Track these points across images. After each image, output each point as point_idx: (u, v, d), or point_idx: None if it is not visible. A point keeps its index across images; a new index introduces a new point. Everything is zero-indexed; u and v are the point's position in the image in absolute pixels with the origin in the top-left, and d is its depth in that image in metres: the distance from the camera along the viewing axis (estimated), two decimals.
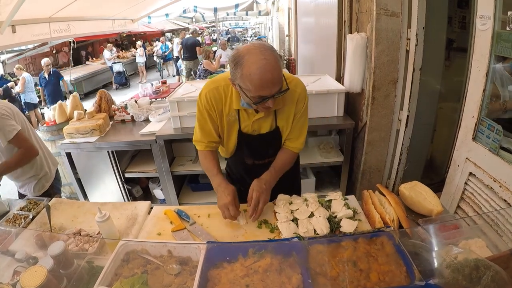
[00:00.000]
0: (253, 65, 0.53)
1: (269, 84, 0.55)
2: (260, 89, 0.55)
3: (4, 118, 0.89)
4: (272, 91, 0.56)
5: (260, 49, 0.55)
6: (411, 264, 0.48)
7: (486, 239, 0.57)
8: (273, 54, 0.55)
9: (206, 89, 0.68)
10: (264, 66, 0.53)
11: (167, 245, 0.57)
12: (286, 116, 0.69)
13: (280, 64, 0.56)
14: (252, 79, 0.54)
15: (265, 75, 0.53)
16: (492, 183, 0.71)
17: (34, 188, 1.04)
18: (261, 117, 0.67)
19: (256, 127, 0.69)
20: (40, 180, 1.05)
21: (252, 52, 0.55)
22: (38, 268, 0.48)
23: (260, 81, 0.54)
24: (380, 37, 1.07)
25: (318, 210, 0.65)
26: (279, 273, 0.49)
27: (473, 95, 0.76)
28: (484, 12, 0.70)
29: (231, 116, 0.68)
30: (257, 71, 0.53)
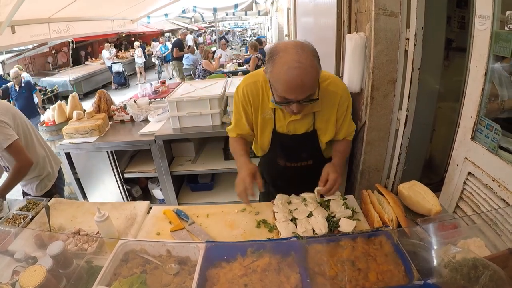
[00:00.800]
0: (285, 65, 0.50)
1: (297, 89, 0.51)
2: (285, 92, 0.52)
3: (1, 126, 0.88)
4: (297, 97, 0.52)
5: (298, 50, 0.50)
6: (409, 264, 0.48)
7: (485, 239, 0.57)
8: (310, 57, 0.51)
9: (244, 83, 0.65)
10: (295, 70, 0.49)
11: (166, 245, 0.57)
12: (326, 118, 0.66)
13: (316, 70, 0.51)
14: (280, 79, 0.51)
15: (293, 80, 0.50)
16: (491, 183, 0.71)
17: (36, 188, 1.04)
18: (297, 119, 0.64)
19: (291, 128, 0.66)
20: (42, 180, 1.04)
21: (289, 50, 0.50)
22: (37, 267, 0.49)
23: (287, 84, 0.50)
24: (379, 37, 1.07)
25: (317, 210, 0.65)
26: (278, 273, 0.49)
27: (472, 95, 0.76)
28: (482, 12, 0.70)
29: (266, 114, 0.65)
30: (287, 73, 0.50)
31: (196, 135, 1.36)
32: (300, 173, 0.75)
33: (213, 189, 1.54)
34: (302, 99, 0.53)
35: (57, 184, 1.11)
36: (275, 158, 0.74)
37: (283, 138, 0.68)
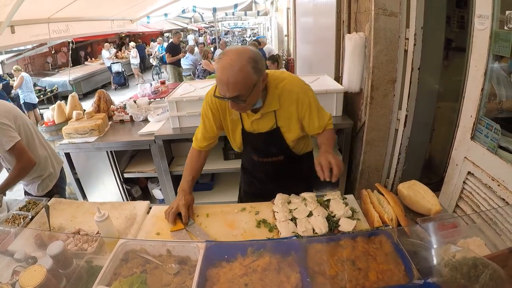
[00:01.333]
0: (220, 63, 0.58)
1: (224, 86, 0.58)
2: (219, 86, 0.60)
3: (3, 128, 0.88)
4: (226, 94, 0.59)
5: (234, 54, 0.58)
6: (409, 263, 0.48)
7: (485, 238, 0.57)
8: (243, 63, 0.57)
9: (212, 90, 0.70)
10: (225, 68, 0.57)
11: (166, 245, 0.57)
12: (287, 116, 0.70)
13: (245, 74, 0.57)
14: (217, 75, 0.60)
15: (223, 78, 0.58)
16: (490, 182, 0.71)
17: (38, 188, 1.04)
18: (258, 118, 0.70)
19: (255, 127, 0.72)
20: (44, 180, 1.04)
21: (227, 53, 0.60)
22: (37, 267, 0.49)
23: (219, 81, 0.59)
24: (378, 36, 1.07)
25: (317, 209, 0.65)
26: (278, 272, 0.49)
27: (471, 95, 0.76)
28: (482, 12, 0.70)
29: (234, 115, 0.73)
30: (220, 72, 0.58)
31: None
32: (274, 168, 0.79)
33: (213, 189, 1.54)
34: (230, 97, 0.59)
35: (59, 184, 1.10)
36: (250, 154, 0.81)
37: (251, 137, 0.73)
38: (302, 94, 0.69)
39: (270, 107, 0.69)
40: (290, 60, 3.63)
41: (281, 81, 0.68)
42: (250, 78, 0.58)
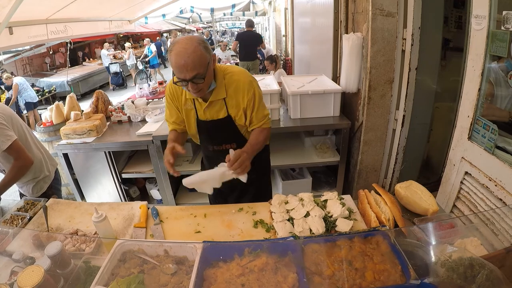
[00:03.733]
0: (174, 51, 0.63)
1: (182, 68, 0.63)
2: (177, 72, 0.64)
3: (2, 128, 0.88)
4: (186, 76, 0.64)
5: (185, 40, 0.64)
6: (406, 263, 0.49)
7: (482, 238, 0.57)
8: (194, 45, 0.63)
9: (169, 83, 0.78)
10: (180, 52, 0.62)
11: (163, 245, 0.57)
12: (235, 104, 0.75)
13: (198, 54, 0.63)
14: (172, 64, 0.65)
15: (179, 60, 0.63)
16: (487, 182, 0.71)
17: (32, 190, 1.04)
18: (208, 105, 0.75)
19: (208, 115, 0.77)
20: (38, 182, 1.04)
21: (178, 41, 0.65)
22: (35, 268, 0.49)
23: (176, 66, 0.64)
24: (376, 37, 1.07)
25: (314, 210, 0.66)
26: (275, 272, 0.49)
27: (469, 95, 0.76)
28: (479, 12, 0.70)
29: (188, 105, 0.78)
30: (175, 58, 0.63)
31: None
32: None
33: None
34: (190, 78, 0.64)
35: (53, 185, 1.10)
36: (206, 144, 0.85)
37: (205, 124, 0.78)
38: (247, 85, 0.74)
39: (218, 95, 0.73)
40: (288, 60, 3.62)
41: (228, 72, 0.73)
42: (204, 56, 0.64)
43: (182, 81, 0.65)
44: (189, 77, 0.64)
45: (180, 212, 0.78)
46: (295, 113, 1.35)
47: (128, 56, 5.30)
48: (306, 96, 1.31)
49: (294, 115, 1.35)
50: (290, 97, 1.32)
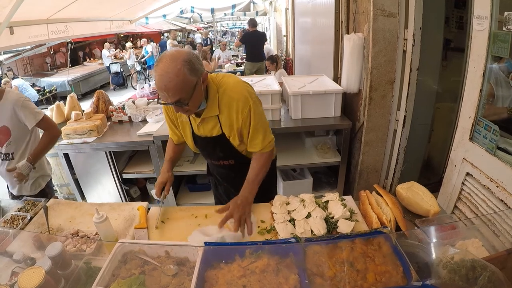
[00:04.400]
0: (157, 71, 0.59)
1: (163, 92, 0.59)
2: (159, 93, 0.61)
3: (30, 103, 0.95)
4: (167, 100, 0.60)
5: (168, 60, 0.58)
6: (408, 265, 0.48)
7: (483, 239, 0.57)
8: (178, 67, 0.57)
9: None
10: (161, 77, 0.58)
11: (164, 246, 0.57)
12: (229, 123, 0.69)
13: (181, 78, 0.57)
14: (156, 83, 0.61)
15: (160, 85, 0.58)
16: (489, 183, 0.71)
17: (31, 187, 1.04)
18: (201, 121, 0.70)
19: (202, 131, 0.72)
20: (37, 179, 1.05)
21: (162, 59, 0.59)
22: (36, 269, 0.48)
23: (157, 86, 0.60)
24: (377, 37, 1.07)
25: (315, 211, 0.65)
26: (276, 274, 0.49)
27: (470, 96, 0.76)
28: (480, 13, 0.70)
29: (183, 118, 0.74)
30: (157, 80, 0.59)
31: None
32: (226, 171, 0.81)
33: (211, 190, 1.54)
34: (172, 102, 0.60)
35: (49, 184, 1.11)
36: (205, 157, 0.84)
37: (200, 140, 0.75)
38: (242, 102, 0.66)
39: (210, 112, 0.68)
40: (288, 60, 3.62)
41: (222, 85, 0.67)
42: (188, 80, 0.58)
43: (165, 103, 0.62)
44: (171, 101, 0.60)
45: (181, 212, 0.78)
46: (296, 114, 1.35)
47: (129, 56, 5.31)
48: (307, 96, 1.31)
49: (295, 116, 1.35)
50: (291, 98, 1.32)
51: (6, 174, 0.99)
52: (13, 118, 0.92)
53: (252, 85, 0.73)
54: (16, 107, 0.92)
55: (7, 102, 0.91)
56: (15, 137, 0.95)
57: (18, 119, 0.93)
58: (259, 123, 0.69)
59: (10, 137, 0.94)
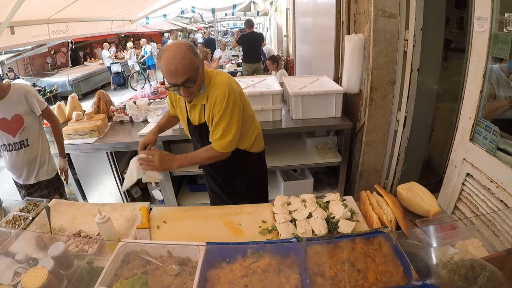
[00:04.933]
0: (163, 58, 0.66)
1: (172, 74, 0.66)
2: (168, 78, 0.68)
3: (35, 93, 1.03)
4: (177, 81, 0.67)
5: (174, 46, 0.67)
6: (408, 264, 0.49)
7: (483, 239, 0.57)
8: (183, 51, 0.66)
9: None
10: (169, 59, 0.65)
11: (166, 246, 0.57)
12: (208, 112, 0.76)
13: (188, 60, 0.66)
14: (163, 70, 0.68)
15: (169, 67, 0.66)
16: (489, 184, 0.72)
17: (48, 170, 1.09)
18: (191, 107, 0.77)
19: (192, 117, 0.80)
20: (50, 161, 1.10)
21: (167, 48, 0.68)
22: (39, 269, 0.49)
23: (165, 71, 0.67)
24: (377, 38, 1.07)
25: (316, 211, 0.66)
26: (278, 274, 0.50)
27: (470, 96, 0.77)
28: (481, 14, 0.70)
29: (181, 102, 0.81)
30: (166, 64, 0.66)
31: None
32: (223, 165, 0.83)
33: None
34: (181, 82, 0.67)
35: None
36: (195, 146, 0.87)
37: (192, 127, 0.82)
38: (220, 99, 0.72)
39: (200, 100, 0.75)
40: (289, 60, 3.62)
41: (212, 79, 0.75)
42: (193, 61, 0.67)
43: (173, 86, 0.68)
44: (180, 82, 0.67)
45: (183, 213, 0.78)
46: (296, 114, 1.35)
47: (130, 56, 5.31)
48: (308, 97, 1.31)
49: (296, 116, 1.35)
50: (292, 98, 1.32)
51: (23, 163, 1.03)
52: (24, 106, 0.98)
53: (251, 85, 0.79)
54: (28, 95, 0.98)
55: (17, 91, 0.97)
56: (27, 124, 1.00)
57: (28, 106, 0.99)
58: (223, 122, 0.74)
59: (23, 124, 0.99)
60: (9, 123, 0.96)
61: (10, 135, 0.98)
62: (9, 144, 0.99)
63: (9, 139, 0.99)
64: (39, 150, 1.05)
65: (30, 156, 1.03)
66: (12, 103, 0.96)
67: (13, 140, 0.99)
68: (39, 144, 1.04)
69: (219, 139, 0.74)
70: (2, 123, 0.96)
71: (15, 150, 1.00)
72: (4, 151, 1.02)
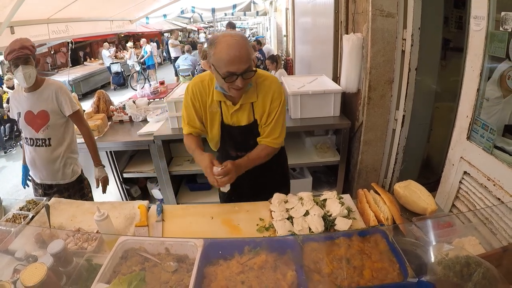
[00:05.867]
0: (224, 43, 0.61)
1: (236, 60, 0.61)
2: (228, 64, 0.61)
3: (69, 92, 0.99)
4: (239, 68, 0.62)
5: (232, 33, 0.64)
6: (404, 262, 0.49)
7: (480, 237, 0.57)
8: (243, 38, 0.64)
9: (192, 82, 0.76)
10: (233, 44, 0.61)
11: (164, 243, 0.58)
12: (261, 110, 0.73)
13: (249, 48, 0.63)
14: (222, 55, 0.61)
15: (232, 51, 0.61)
16: (486, 182, 0.72)
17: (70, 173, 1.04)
18: (238, 108, 0.72)
19: (235, 120, 0.74)
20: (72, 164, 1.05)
21: (225, 34, 0.64)
22: (38, 265, 0.49)
23: (228, 56, 0.61)
24: (375, 37, 1.07)
25: (313, 209, 0.66)
26: (274, 270, 0.50)
27: (467, 95, 0.77)
28: (478, 13, 0.70)
29: (213, 107, 0.75)
30: (225, 48, 0.61)
31: None
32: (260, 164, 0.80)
33: (212, 189, 1.55)
34: (242, 71, 0.62)
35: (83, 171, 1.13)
36: (227, 150, 0.81)
37: (230, 129, 0.76)
38: (277, 94, 0.72)
39: (249, 99, 0.72)
40: (289, 60, 3.63)
41: (261, 77, 0.72)
42: (251, 51, 0.65)
43: (232, 75, 0.61)
44: (241, 70, 0.61)
45: (181, 211, 0.78)
46: (295, 113, 1.35)
47: (130, 56, 5.32)
48: (307, 96, 1.32)
49: (295, 115, 1.36)
50: (291, 97, 1.33)
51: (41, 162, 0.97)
52: (53, 103, 0.94)
53: None
54: (59, 91, 0.94)
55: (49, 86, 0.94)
56: (52, 122, 0.95)
57: (57, 105, 0.95)
58: (281, 118, 0.74)
59: (48, 122, 0.95)
60: (34, 117, 0.93)
61: (34, 129, 0.94)
62: (31, 138, 0.95)
63: (32, 133, 0.94)
64: (60, 152, 0.99)
65: (50, 156, 0.97)
66: (42, 98, 0.92)
67: (35, 136, 0.95)
68: (62, 147, 0.98)
69: (279, 136, 0.74)
70: (28, 115, 0.93)
71: (36, 146, 0.96)
72: (25, 145, 0.98)
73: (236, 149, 0.80)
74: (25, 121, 0.95)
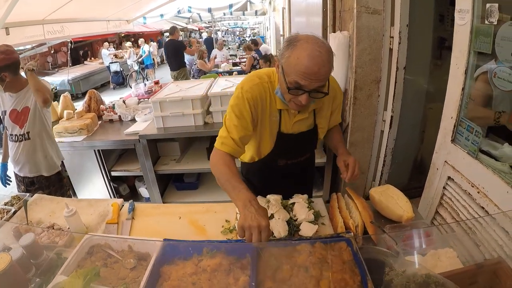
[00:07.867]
0: (306, 51, 0.51)
1: (311, 75, 0.51)
2: (301, 76, 0.51)
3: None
4: (310, 85, 0.52)
5: (318, 42, 0.52)
6: (365, 274, 0.46)
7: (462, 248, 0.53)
8: (328, 52, 0.52)
9: (251, 83, 0.62)
10: (315, 57, 0.50)
11: (127, 241, 0.58)
12: (324, 114, 0.69)
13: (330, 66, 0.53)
14: (299, 63, 0.51)
15: (311, 64, 0.50)
16: (470, 189, 0.68)
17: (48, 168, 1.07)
18: (302, 118, 0.64)
19: (296, 128, 0.66)
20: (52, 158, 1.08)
21: (310, 40, 0.52)
22: (3, 255, 0.50)
23: (305, 68, 0.51)
24: (361, 35, 1.03)
25: (278, 212, 0.64)
26: (228, 274, 0.49)
27: (452, 94, 0.73)
28: (462, 6, 0.66)
29: (273, 116, 0.63)
30: (305, 56, 0.50)
31: (179, 135, 1.37)
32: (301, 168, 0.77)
33: (198, 188, 1.55)
34: (313, 89, 0.53)
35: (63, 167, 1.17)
36: (275, 159, 0.71)
37: (287, 138, 0.66)
38: (339, 91, 0.71)
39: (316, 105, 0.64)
40: None
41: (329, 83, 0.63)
42: (331, 70, 0.54)
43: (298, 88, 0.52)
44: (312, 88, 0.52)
45: (152, 210, 0.78)
46: None
47: (129, 55, 5.37)
48: None
49: None
50: None
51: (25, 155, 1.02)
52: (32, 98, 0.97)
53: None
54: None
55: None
56: (31, 117, 0.99)
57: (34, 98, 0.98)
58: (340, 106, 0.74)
59: (29, 116, 0.99)
60: (19, 114, 0.98)
61: (18, 126, 1.00)
62: (16, 135, 1.01)
63: (17, 130, 1.00)
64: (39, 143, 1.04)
65: (30, 149, 1.03)
66: (26, 96, 0.98)
67: (19, 132, 1.01)
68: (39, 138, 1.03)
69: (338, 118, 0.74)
70: (13, 113, 0.98)
71: (19, 142, 1.02)
72: (10, 141, 1.04)
73: (287, 157, 0.70)
74: (10, 119, 1.00)
